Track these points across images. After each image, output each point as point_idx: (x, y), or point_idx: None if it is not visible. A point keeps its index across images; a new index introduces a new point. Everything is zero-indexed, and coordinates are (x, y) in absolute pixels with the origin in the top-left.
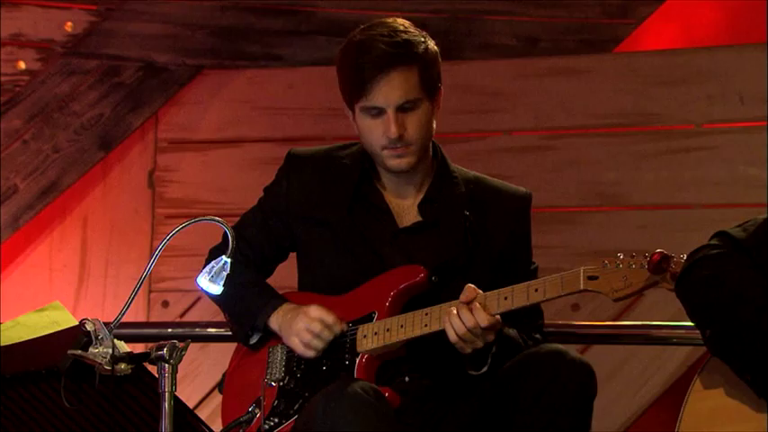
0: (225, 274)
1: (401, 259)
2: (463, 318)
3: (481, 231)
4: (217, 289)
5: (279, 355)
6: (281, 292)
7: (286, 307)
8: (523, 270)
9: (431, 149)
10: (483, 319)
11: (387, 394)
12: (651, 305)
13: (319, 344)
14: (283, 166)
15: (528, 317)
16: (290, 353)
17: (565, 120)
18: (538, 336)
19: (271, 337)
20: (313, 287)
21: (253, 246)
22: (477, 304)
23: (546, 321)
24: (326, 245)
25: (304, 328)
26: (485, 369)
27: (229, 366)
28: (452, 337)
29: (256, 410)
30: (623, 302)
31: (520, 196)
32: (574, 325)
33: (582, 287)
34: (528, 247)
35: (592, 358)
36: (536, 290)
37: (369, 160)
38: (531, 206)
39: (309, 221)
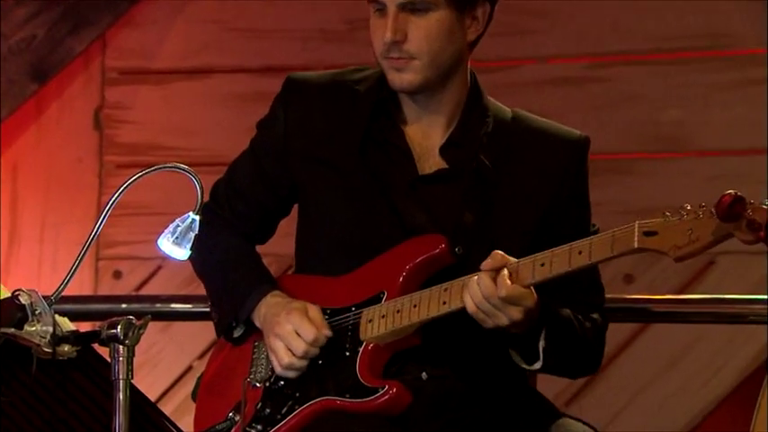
0: (192, 234)
1: (420, 215)
2: (481, 284)
3: (518, 185)
4: (183, 253)
5: (265, 350)
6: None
7: (270, 300)
8: (578, 234)
9: (468, 78)
10: (503, 288)
11: (394, 390)
12: (723, 275)
13: (302, 364)
14: (280, 95)
15: (583, 293)
16: None
17: (617, 43)
18: (596, 316)
19: (255, 330)
20: (314, 246)
21: (247, 198)
22: (506, 271)
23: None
24: (332, 192)
25: (282, 347)
26: (538, 365)
27: (207, 368)
28: (470, 306)
29: (236, 417)
30: (688, 272)
31: (572, 141)
32: (627, 299)
33: (636, 245)
34: (584, 204)
35: (650, 341)
36: (580, 252)
37: (388, 86)
38: (588, 154)
39: (312, 162)
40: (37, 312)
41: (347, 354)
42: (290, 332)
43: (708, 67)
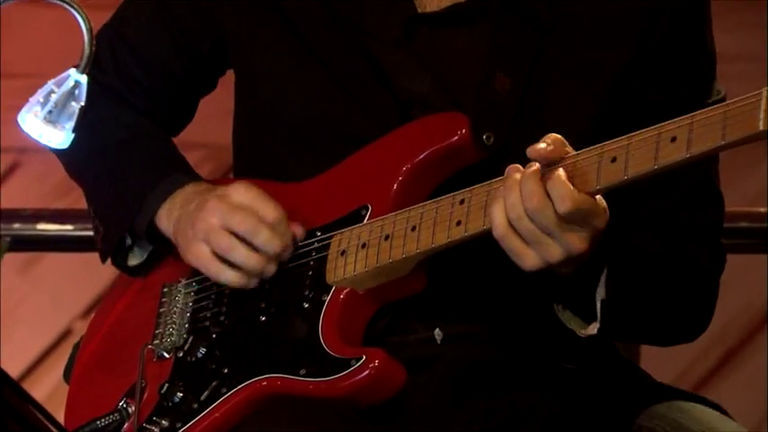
0: (76, 107)
1: (421, 80)
2: (525, 189)
3: (581, 27)
4: (61, 137)
5: (180, 300)
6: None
7: (190, 189)
8: (686, 104)
9: None
10: (565, 199)
11: (376, 362)
12: None
13: (258, 263)
14: None
15: (683, 207)
16: (200, 293)
17: None
18: (703, 246)
19: (166, 258)
20: (257, 134)
21: (146, 61)
22: (561, 171)
23: (733, 209)
24: (280, 47)
25: (218, 224)
26: (595, 327)
27: (90, 329)
28: (499, 228)
29: (130, 407)
30: None
31: None
32: None
33: (762, 127)
34: (696, 57)
35: None
36: (673, 139)
37: None
38: None
39: (246, 1)
40: None
41: (306, 306)
42: (236, 206)
43: None
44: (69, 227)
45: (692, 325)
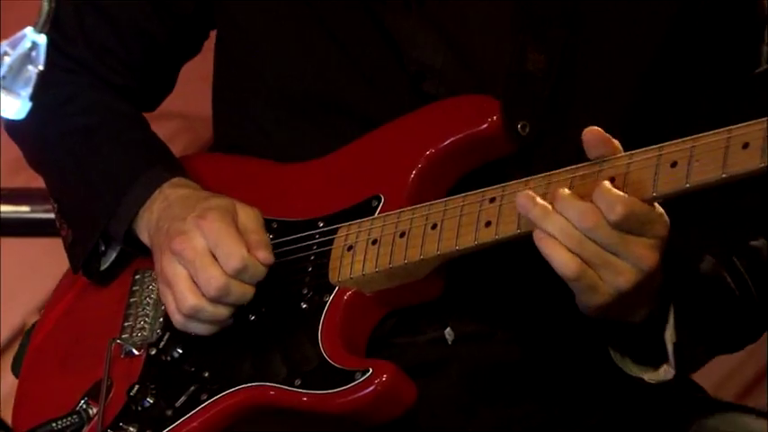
0: (33, 72)
1: (438, 51)
2: (574, 211)
3: None
4: (15, 107)
5: (154, 289)
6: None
7: (171, 193)
8: (734, 73)
9: None
10: (613, 203)
11: (384, 377)
12: None
13: (218, 314)
14: None
15: (734, 194)
16: None
17: None
18: (760, 242)
19: (140, 252)
20: (247, 107)
21: (118, 26)
22: (606, 182)
23: None
24: (276, 8)
25: (184, 277)
26: (669, 372)
27: (44, 315)
28: (570, 265)
29: (91, 409)
30: None
31: None
32: None
33: None
34: (747, 13)
35: None
36: (745, 145)
37: None
38: None
39: None
40: None
41: (304, 306)
42: (201, 251)
43: None
44: (25, 208)
45: (761, 324)
